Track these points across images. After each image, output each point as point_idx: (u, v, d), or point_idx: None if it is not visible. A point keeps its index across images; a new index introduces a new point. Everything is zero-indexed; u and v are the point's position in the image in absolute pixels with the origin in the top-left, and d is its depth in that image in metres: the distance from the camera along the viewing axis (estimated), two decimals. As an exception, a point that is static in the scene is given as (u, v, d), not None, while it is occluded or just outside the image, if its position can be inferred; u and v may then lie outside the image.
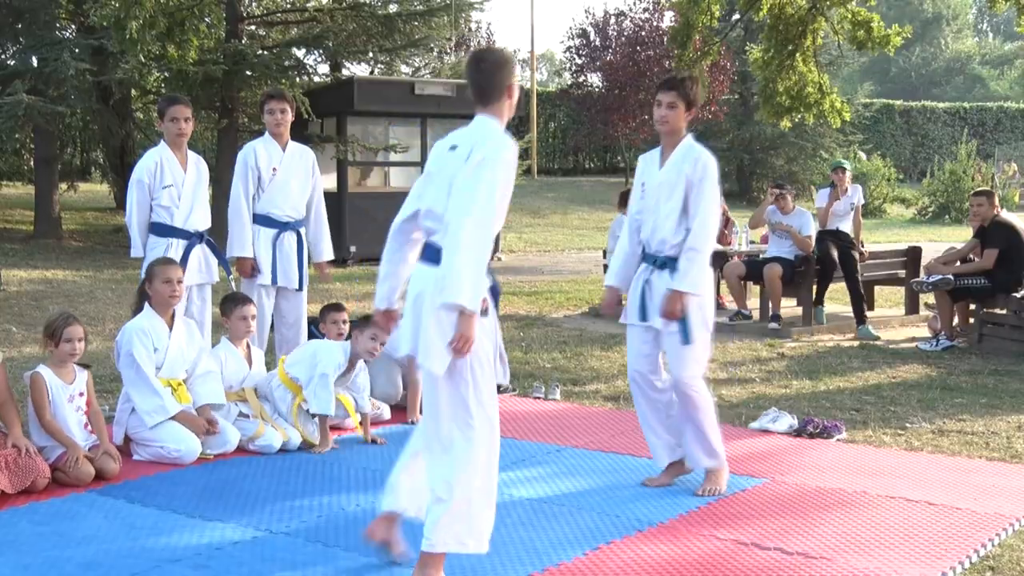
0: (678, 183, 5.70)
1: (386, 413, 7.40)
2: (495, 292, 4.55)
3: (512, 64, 4.73)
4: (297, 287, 7.71)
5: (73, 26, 21.08)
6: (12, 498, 5.50)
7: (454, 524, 4.26)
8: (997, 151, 40.24)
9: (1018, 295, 10.21)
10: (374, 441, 6.80)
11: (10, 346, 9.20)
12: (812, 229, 11.65)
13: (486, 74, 4.63)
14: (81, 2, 20.30)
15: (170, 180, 7.27)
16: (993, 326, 10.30)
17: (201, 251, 7.44)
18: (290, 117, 7.74)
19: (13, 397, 5.93)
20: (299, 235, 7.78)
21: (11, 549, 4.78)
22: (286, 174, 7.69)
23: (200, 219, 7.43)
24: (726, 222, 13.59)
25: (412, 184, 14.41)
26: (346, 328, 7.29)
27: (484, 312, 4.33)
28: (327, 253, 7.93)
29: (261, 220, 7.66)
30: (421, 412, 7.34)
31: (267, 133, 7.73)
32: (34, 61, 20.14)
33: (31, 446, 5.73)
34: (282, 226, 7.69)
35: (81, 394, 6.09)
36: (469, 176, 4.29)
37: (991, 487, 5.87)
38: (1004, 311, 10.29)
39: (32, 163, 21.78)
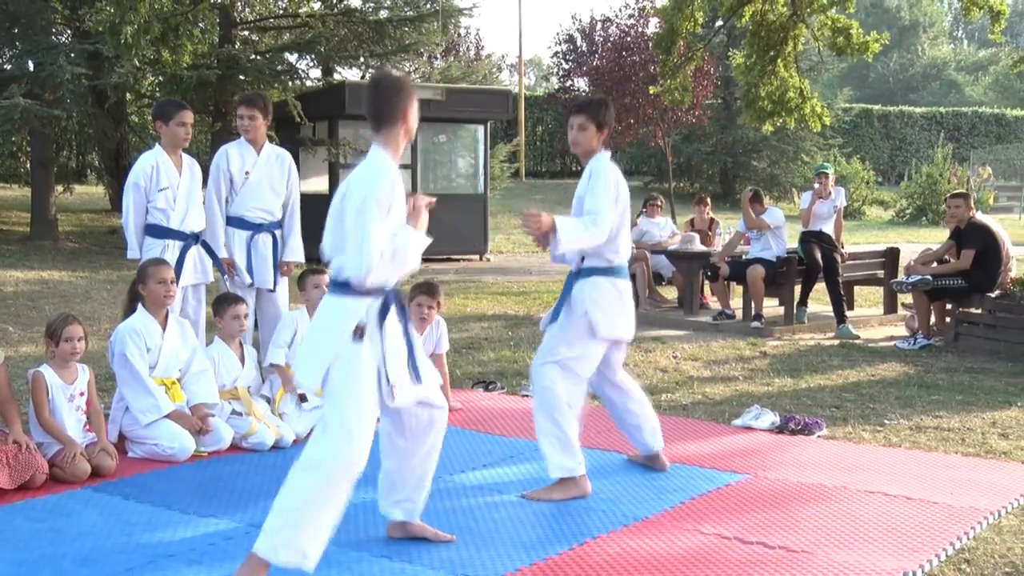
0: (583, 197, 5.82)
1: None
2: (400, 311, 4.51)
3: (409, 89, 4.62)
4: (271, 288, 7.68)
5: (69, 31, 21.03)
6: (9, 494, 5.47)
7: (278, 533, 4.17)
8: (972, 155, 40.40)
9: (993, 295, 10.26)
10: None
11: (7, 345, 9.16)
12: (782, 220, 11.69)
13: (382, 97, 4.55)
14: (77, 7, 20.27)
15: (166, 183, 7.26)
16: (969, 325, 10.34)
17: (196, 252, 7.43)
18: (260, 121, 7.69)
19: (13, 395, 5.93)
20: (274, 236, 7.76)
21: (7, 545, 4.76)
22: (259, 177, 7.67)
23: (195, 221, 7.42)
24: (710, 223, 13.63)
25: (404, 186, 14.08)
26: None
27: (359, 336, 4.28)
28: (293, 253, 7.86)
29: (235, 222, 7.64)
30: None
31: (241, 138, 7.73)
32: (30, 65, 20.10)
33: (31, 442, 5.73)
34: (256, 228, 7.68)
35: (82, 393, 6.09)
36: (337, 214, 4.38)
37: (967, 482, 5.89)
38: (979, 311, 10.33)
39: (28, 166, 21.71)
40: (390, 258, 4.31)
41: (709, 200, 14.40)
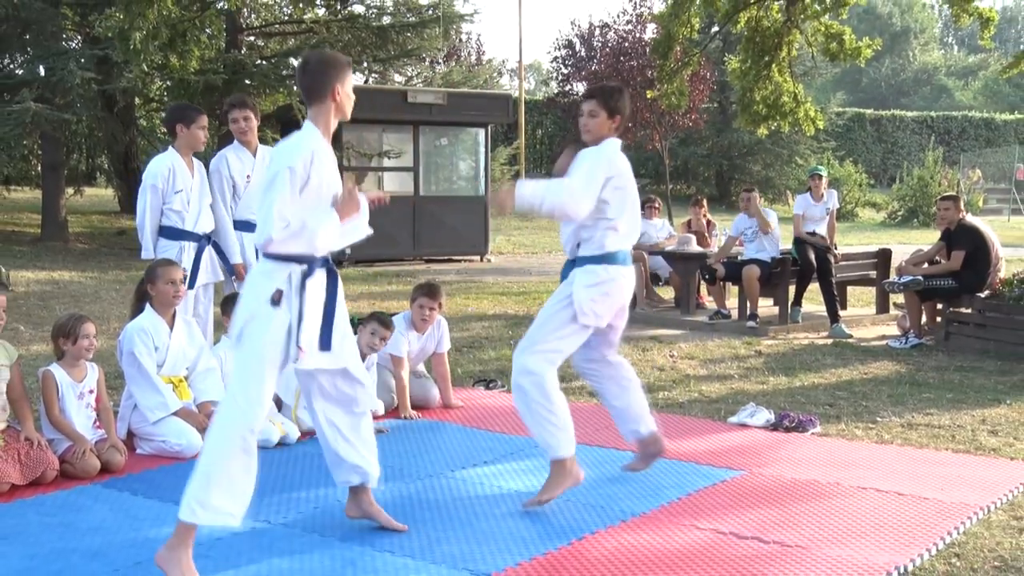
0: None
1: (380, 409, 7.39)
2: (331, 282, 4.56)
3: (340, 67, 4.56)
4: None
5: (79, 37, 21.05)
6: (20, 490, 5.49)
7: (193, 495, 4.23)
8: (962, 158, 40.45)
9: (982, 295, 10.26)
10: (379, 432, 6.79)
11: (19, 344, 9.14)
12: (774, 219, 11.69)
13: (311, 74, 4.52)
14: (87, 14, 20.29)
15: (181, 185, 7.28)
16: (959, 325, 10.34)
17: (209, 252, 7.44)
18: (255, 123, 7.67)
19: (26, 393, 5.93)
20: None
21: (19, 540, 4.77)
22: (260, 179, 7.65)
23: (206, 222, 7.43)
24: (706, 225, 13.63)
25: (405, 188, 14.57)
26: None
27: (276, 302, 4.34)
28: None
29: (241, 226, 7.60)
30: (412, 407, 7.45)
31: (236, 141, 7.69)
32: (41, 70, 20.11)
33: (42, 439, 5.74)
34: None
35: (91, 391, 6.09)
36: (261, 185, 4.51)
37: (957, 478, 5.89)
38: (969, 310, 10.33)
39: (39, 168, 21.71)
40: (298, 231, 4.31)
41: (705, 202, 14.40)
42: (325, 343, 4.51)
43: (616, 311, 5.53)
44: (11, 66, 21.32)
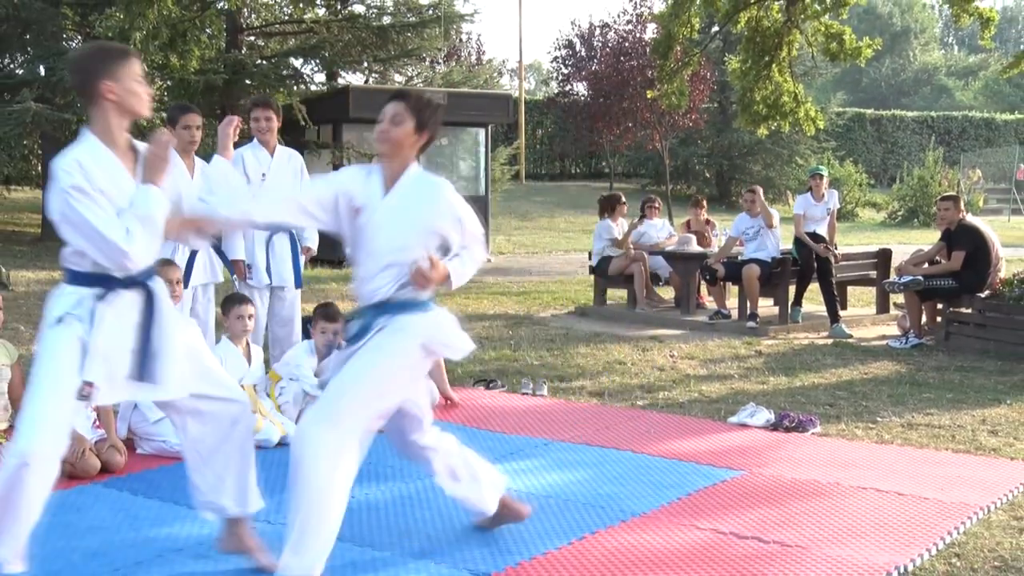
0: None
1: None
2: (147, 303, 4.05)
3: (109, 58, 3.95)
4: (295, 285, 7.72)
5: (79, 37, 21.03)
6: (21, 490, 5.48)
7: None
8: (962, 158, 40.41)
9: (982, 295, 10.26)
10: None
11: (19, 344, 9.13)
12: (775, 220, 11.70)
13: (74, 73, 4.01)
14: (87, 14, 20.29)
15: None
16: (959, 325, 10.34)
17: (206, 253, 7.43)
18: (276, 123, 7.71)
19: (27, 393, 5.92)
20: (292, 236, 7.77)
21: (20, 539, 4.77)
22: (275, 178, 7.67)
23: (204, 222, 7.41)
24: (707, 224, 13.63)
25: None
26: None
27: (58, 320, 3.90)
28: (310, 240, 7.89)
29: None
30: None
31: (255, 140, 7.72)
32: (41, 70, 20.13)
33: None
34: (274, 228, 7.68)
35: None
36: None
37: (957, 478, 5.89)
38: (969, 311, 10.33)
39: (40, 168, 21.71)
40: (142, 230, 3.89)
41: (705, 202, 14.40)
42: (143, 374, 3.99)
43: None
44: (11, 66, 21.33)
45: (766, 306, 11.79)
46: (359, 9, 22.89)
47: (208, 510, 4.42)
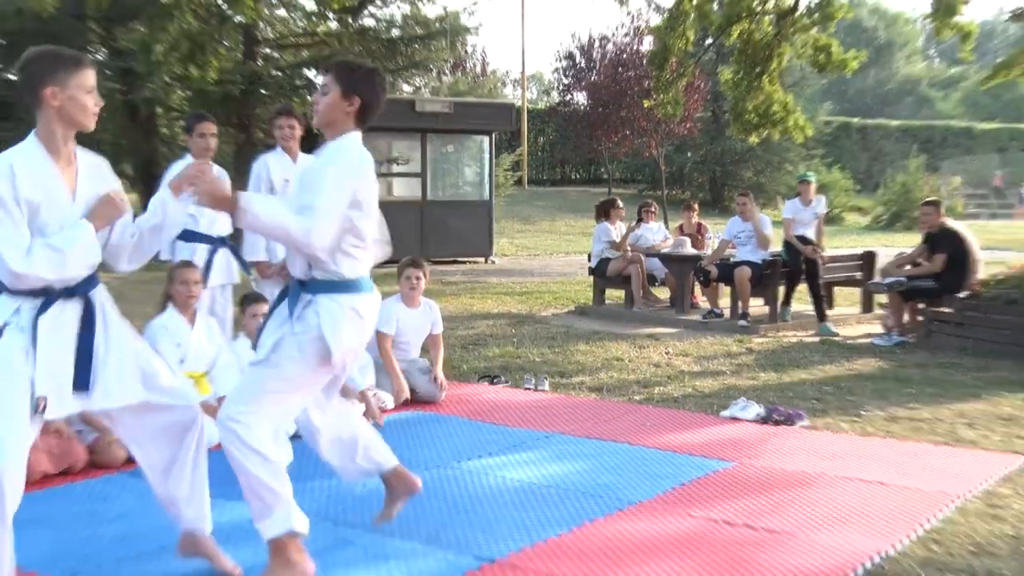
0: None
1: (389, 403, 7.41)
2: (86, 314, 3.83)
3: (53, 63, 3.66)
4: None
5: (104, 49, 21.07)
6: (51, 479, 5.52)
7: None
8: (943, 165, 40.51)
9: (962, 296, 10.28)
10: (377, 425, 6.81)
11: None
12: (770, 229, 11.71)
13: (20, 76, 3.68)
14: (111, 27, 20.32)
15: (195, 189, 7.28)
16: (939, 323, 10.35)
17: (224, 254, 7.46)
18: (298, 131, 7.75)
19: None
20: None
21: (49, 527, 4.79)
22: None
23: (222, 225, 7.44)
24: (698, 227, 13.65)
25: (413, 193, 14.63)
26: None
27: None
28: None
29: None
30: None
31: (278, 147, 7.75)
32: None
33: (69, 431, 5.77)
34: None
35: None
36: None
37: (936, 468, 5.90)
38: (949, 310, 10.34)
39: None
40: (49, 257, 3.59)
41: (696, 206, 14.42)
42: (81, 383, 3.74)
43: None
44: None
45: (756, 306, 11.80)
46: (369, 22, 22.91)
47: (180, 521, 4.24)
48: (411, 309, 7.78)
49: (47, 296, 3.68)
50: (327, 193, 3.94)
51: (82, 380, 3.74)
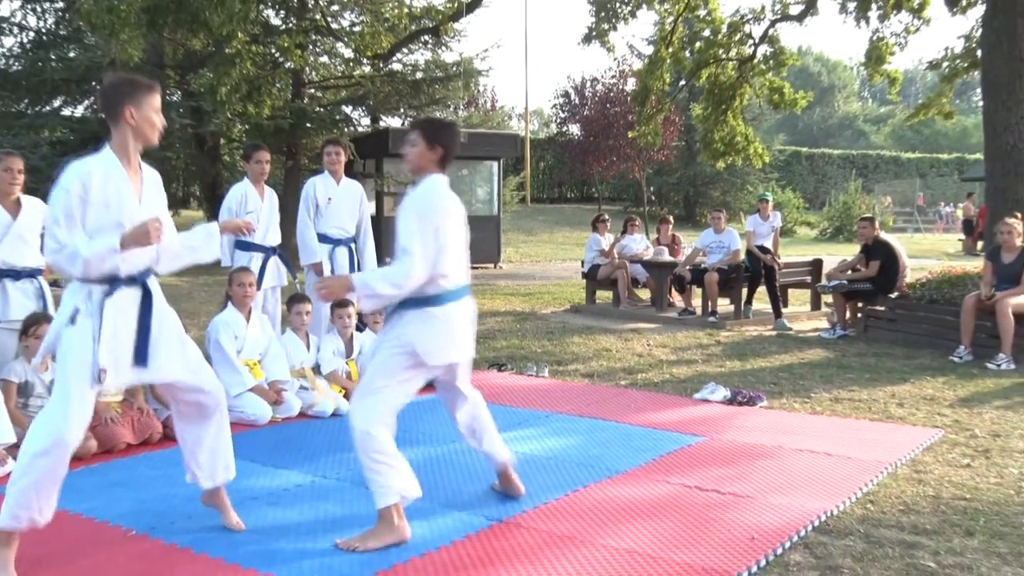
0: None
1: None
2: (145, 299, 3.81)
3: (133, 89, 3.70)
4: None
5: (179, 91, 21.12)
6: (134, 448, 5.56)
7: (9, 506, 3.60)
8: (876, 187, 40.55)
9: (893, 296, 10.26)
10: None
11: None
12: (739, 243, 11.69)
13: (104, 97, 3.74)
14: (185, 73, 20.41)
15: (252, 207, 7.31)
16: (875, 319, 10.32)
17: (275, 261, 7.47)
18: (343, 158, 7.80)
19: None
20: (350, 249, 7.80)
21: (133, 487, 4.81)
22: (338, 202, 7.72)
23: (273, 237, 7.46)
24: (672, 239, 13.61)
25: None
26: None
27: (72, 320, 3.66)
28: (370, 263, 7.94)
29: (319, 238, 7.70)
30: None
31: (325, 171, 7.76)
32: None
33: (149, 408, 5.77)
34: (336, 242, 7.73)
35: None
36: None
37: (872, 441, 5.88)
38: (883, 308, 10.31)
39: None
40: (70, 254, 3.58)
41: (671, 220, 14.35)
42: (140, 359, 3.77)
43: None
44: (127, 115, 21.39)
45: (724, 305, 11.78)
46: (397, 67, 22.91)
47: (197, 477, 4.21)
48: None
49: (112, 283, 3.70)
50: (417, 236, 4.01)
51: (141, 355, 3.77)
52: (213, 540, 4.07)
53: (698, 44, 16.85)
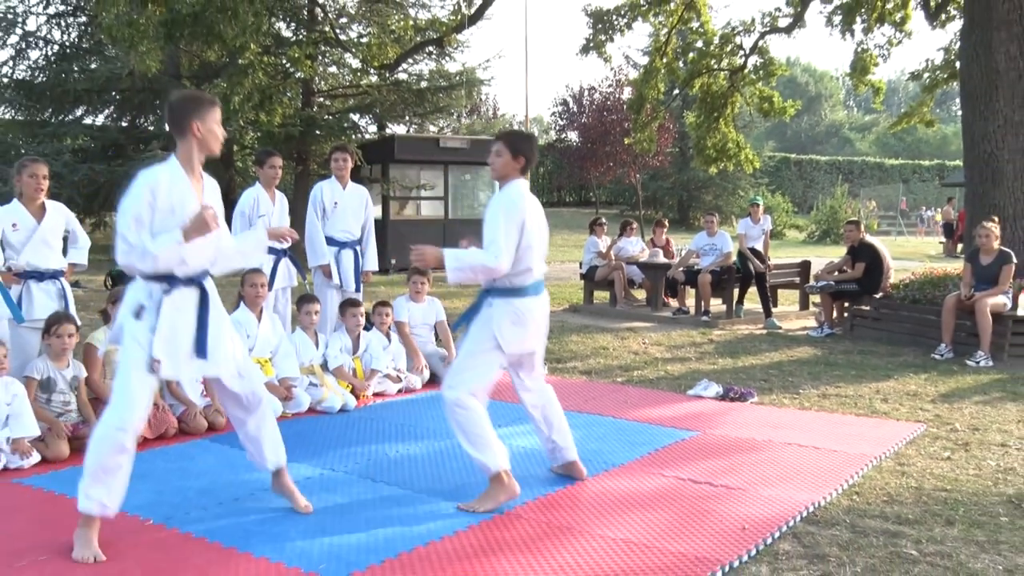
0: None
1: (417, 384, 7.39)
2: (201, 296, 3.93)
3: (199, 105, 3.88)
4: (354, 289, 7.74)
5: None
6: (151, 442, 5.54)
7: (82, 486, 3.76)
8: (862, 192, 40.56)
9: (877, 296, 10.27)
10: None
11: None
12: (731, 246, 11.68)
13: (171, 111, 3.90)
14: (200, 83, 20.40)
15: (264, 211, 7.30)
16: (860, 319, 10.33)
17: (285, 263, 7.46)
18: (350, 164, 7.78)
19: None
20: (355, 251, 7.79)
21: (149, 479, 4.78)
22: (344, 206, 7.71)
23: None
24: (666, 242, 13.61)
25: (437, 213, 14.55)
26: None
27: (137, 315, 3.80)
28: (371, 264, 7.93)
29: (326, 241, 7.68)
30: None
31: (332, 176, 7.76)
32: (166, 127, 20.12)
33: (165, 404, 5.77)
34: (341, 244, 7.72)
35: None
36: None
37: (858, 435, 5.88)
38: (868, 308, 10.32)
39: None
40: (140, 253, 3.72)
41: (666, 223, 14.35)
42: (200, 352, 3.90)
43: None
44: (145, 124, 21.47)
45: (716, 305, 11.78)
46: (403, 76, 22.94)
47: (255, 461, 4.36)
48: (418, 304, 7.85)
49: (171, 282, 3.83)
50: (502, 232, 4.30)
51: (200, 349, 3.90)
52: (226, 530, 4.07)
53: (691, 55, 16.87)
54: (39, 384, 5.44)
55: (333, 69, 23.56)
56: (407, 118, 23.36)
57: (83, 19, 21.25)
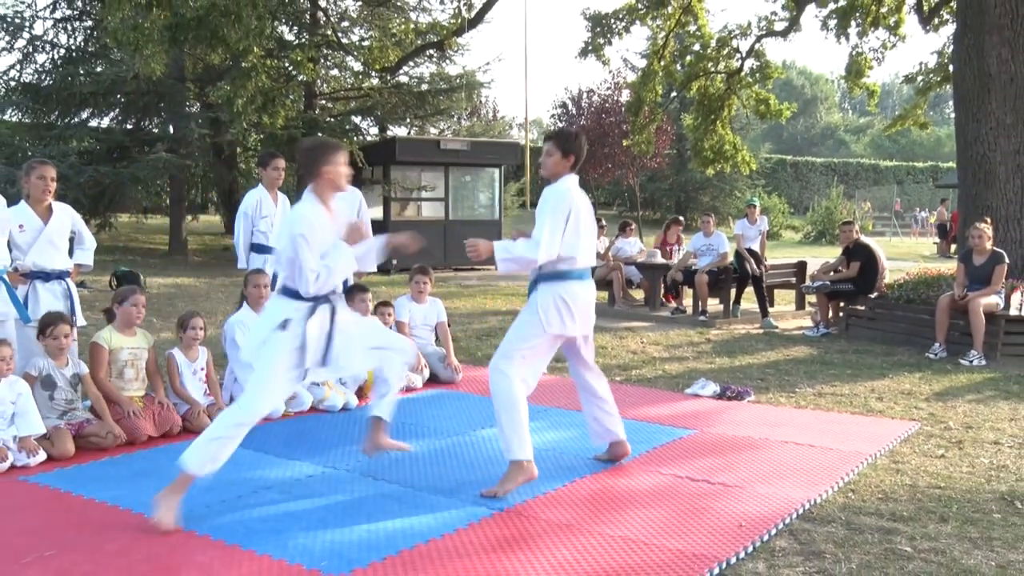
0: None
1: (418, 383, 7.38)
2: (331, 315, 4.28)
3: (325, 151, 4.30)
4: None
5: (198, 103, 21.14)
6: (155, 440, 5.54)
7: (202, 455, 4.11)
8: (857, 193, 40.62)
9: (872, 296, 10.26)
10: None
11: (153, 332, 9.18)
12: (728, 246, 11.68)
13: (302, 158, 4.33)
14: (204, 86, 20.44)
15: (267, 212, 7.30)
16: (855, 318, 10.32)
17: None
18: (348, 169, 7.72)
19: (159, 369, 5.95)
20: None
21: (154, 476, 4.76)
22: (338, 208, 7.68)
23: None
24: (677, 239, 13.58)
25: (438, 213, 14.62)
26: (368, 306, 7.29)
27: (283, 327, 4.18)
28: (368, 265, 7.89)
29: None
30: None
31: None
32: (170, 129, 20.24)
33: (169, 403, 5.76)
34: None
35: (203, 368, 6.10)
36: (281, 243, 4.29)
37: (853, 433, 5.87)
38: (863, 307, 10.31)
39: (168, 201, 21.84)
40: (326, 275, 4.17)
41: (682, 221, 14.16)
42: (324, 360, 4.29)
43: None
44: (149, 126, 21.49)
45: (713, 305, 11.77)
46: (404, 79, 22.94)
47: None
48: (419, 304, 7.83)
49: (316, 301, 4.21)
50: (548, 224, 4.52)
51: (325, 358, 4.27)
52: (230, 528, 4.07)
53: (689, 58, 16.87)
54: (40, 381, 5.43)
55: (335, 72, 23.58)
56: (408, 120, 23.37)
57: (89, 23, 21.26)
